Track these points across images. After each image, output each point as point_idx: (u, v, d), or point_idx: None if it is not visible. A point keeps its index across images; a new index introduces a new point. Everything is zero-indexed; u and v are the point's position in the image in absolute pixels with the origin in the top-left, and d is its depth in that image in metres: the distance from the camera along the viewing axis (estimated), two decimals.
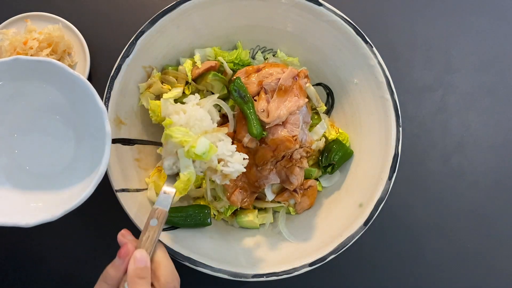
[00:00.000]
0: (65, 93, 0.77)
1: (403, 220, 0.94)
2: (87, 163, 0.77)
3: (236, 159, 0.72)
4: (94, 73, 0.96)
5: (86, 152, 0.78)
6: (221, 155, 0.72)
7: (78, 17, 0.97)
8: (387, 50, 0.97)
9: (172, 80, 0.84)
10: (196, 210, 0.82)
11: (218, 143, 0.72)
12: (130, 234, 0.68)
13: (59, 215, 0.69)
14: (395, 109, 0.81)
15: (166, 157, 0.73)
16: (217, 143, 0.72)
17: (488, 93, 1.01)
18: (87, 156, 0.78)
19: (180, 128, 0.70)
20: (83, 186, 0.73)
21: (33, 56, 0.72)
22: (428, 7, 1.03)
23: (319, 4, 0.81)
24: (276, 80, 0.80)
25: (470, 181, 0.97)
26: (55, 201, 0.74)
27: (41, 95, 0.77)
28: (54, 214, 0.69)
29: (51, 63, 0.71)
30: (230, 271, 0.75)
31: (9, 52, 0.88)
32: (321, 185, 0.88)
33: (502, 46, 1.03)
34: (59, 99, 0.78)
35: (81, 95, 0.72)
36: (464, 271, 0.93)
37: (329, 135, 0.87)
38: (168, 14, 0.80)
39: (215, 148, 0.70)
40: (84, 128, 0.80)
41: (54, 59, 0.90)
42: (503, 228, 0.95)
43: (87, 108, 0.74)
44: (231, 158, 0.72)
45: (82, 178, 0.76)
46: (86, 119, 0.78)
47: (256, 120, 0.77)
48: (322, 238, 0.80)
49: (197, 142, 0.68)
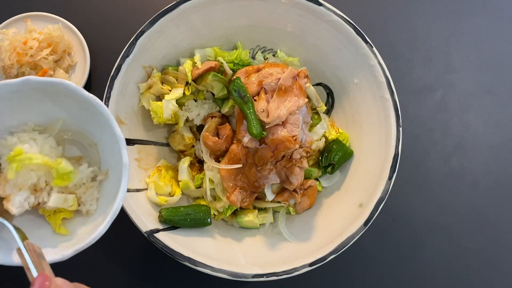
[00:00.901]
0: (79, 117, 0.73)
1: (403, 220, 0.94)
2: (101, 198, 0.73)
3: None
4: (94, 73, 0.96)
5: (103, 179, 0.74)
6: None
7: (78, 17, 0.97)
8: (387, 50, 0.97)
9: (172, 80, 0.84)
10: (196, 210, 0.82)
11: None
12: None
13: (69, 255, 0.65)
14: (395, 109, 0.81)
15: (15, 192, 0.66)
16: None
17: (488, 93, 1.01)
18: (101, 189, 0.74)
19: (37, 155, 0.66)
20: (96, 223, 0.69)
21: (45, 77, 0.66)
22: (428, 7, 1.03)
23: (319, 4, 0.81)
24: (276, 80, 0.80)
25: (470, 181, 0.97)
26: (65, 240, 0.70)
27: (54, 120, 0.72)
28: (64, 254, 0.65)
29: (63, 84, 0.65)
30: (230, 271, 0.75)
31: (9, 52, 0.88)
32: (321, 185, 0.88)
33: (502, 46, 1.03)
34: (73, 122, 0.74)
35: (96, 119, 0.68)
36: (464, 271, 0.93)
37: (329, 135, 0.87)
38: (168, 14, 0.80)
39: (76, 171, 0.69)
40: (100, 154, 0.75)
41: (54, 59, 0.91)
42: (503, 228, 0.95)
43: (103, 134, 0.70)
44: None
45: (99, 209, 0.72)
46: (101, 145, 0.74)
47: (256, 120, 0.77)
48: (322, 238, 0.80)
49: (62, 163, 0.66)
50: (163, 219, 0.79)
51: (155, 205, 0.83)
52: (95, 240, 0.65)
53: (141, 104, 0.84)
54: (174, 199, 0.83)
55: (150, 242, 0.76)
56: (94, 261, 0.89)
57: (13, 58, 0.88)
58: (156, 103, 0.82)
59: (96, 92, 0.94)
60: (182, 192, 0.85)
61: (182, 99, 0.84)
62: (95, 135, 0.75)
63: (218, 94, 0.84)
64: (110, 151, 0.72)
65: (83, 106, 0.68)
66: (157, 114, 0.82)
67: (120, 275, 0.89)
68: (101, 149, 0.76)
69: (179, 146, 0.87)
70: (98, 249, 0.90)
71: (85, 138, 0.76)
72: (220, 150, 0.82)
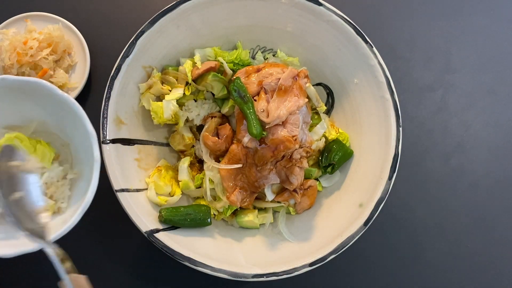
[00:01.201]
0: (55, 115, 0.76)
1: (403, 220, 0.94)
2: (75, 190, 0.76)
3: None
4: (94, 73, 0.96)
5: (75, 177, 0.78)
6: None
7: (78, 17, 0.97)
8: (387, 50, 0.97)
9: (172, 80, 0.84)
10: (196, 210, 0.82)
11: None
12: None
13: (39, 246, 0.67)
14: (395, 109, 0.81)
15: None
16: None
17: (488, 93, 1.01)
18: (73, 187, 0.78)
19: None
20: (67, 216, 0.72)
21: (21, 77, 0.69)
22: (428, 7, 1.03)
23: (319, 4, 0.81)
24: (276, 80, 0.80)
25: (470, 181, 0.97)
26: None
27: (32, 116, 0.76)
28: (35, 246, 0.67)
29: (39, 84, 0.68)
30: (230, 271, 0.75)
31: (9, 52, 0.88)
32: (321, 185, 0.88)
33: (502, 46, 1.03)
34: (48, 121, 0.77)
35: (71, 118, 0.71)
36: (464, 271, 0.93)
37: (329, 135, 0.87)
38: (168, 14, 0.80)
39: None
40: (73, 153, 0.79)
41: (54, 59, 0.91)
42: (503, 228, 0.95)
43: (77, 132, 0.72)
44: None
45: (70, 207, 0.75)
46: (75, 143, 0.78)
47: (256, 120, 0.77)
48: (322, 238, 0.80)
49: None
50: (163, 219, 0.79)
51: (155, 205, 0.83)
52: (65, 232, 0.68)
53: (141, 104, 0.84)
54: (174, 199, 0.83)
55: (150, 242, 0.76)
56: (94, 261, 0.89)
57: (13, 58, 0.88)
58: (156, 103, 0.82)
59: (96, 92, 0.95)
60: (182, 192, 0.85)
61: (182, 99, 0.84)
62: (68, 134, 0.79)
63: (218, 94, 0.84)
64: (83, 148, 0.75)
65: (59, 105, 0.70)
66: (158, 114, 0.82)
67: (120, 275, 0.89)
68: (74, 148, 0.80)
69: (179, 146, 0.87)
70: (98, 249, 0.90)
71: (58, 139, 0.79)
72: (220, 150, 0.82)
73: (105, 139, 0.77)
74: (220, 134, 0.83)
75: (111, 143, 0.78)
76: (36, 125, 0.78)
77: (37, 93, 0.70)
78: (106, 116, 0.77)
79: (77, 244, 0.90)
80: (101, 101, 0.78)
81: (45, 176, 0.75)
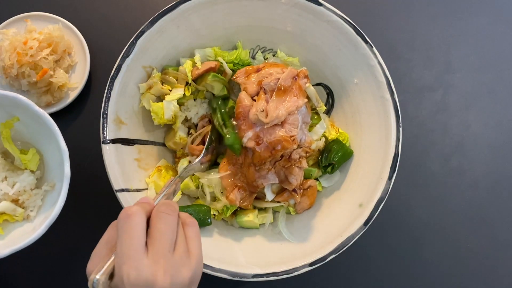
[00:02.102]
0: (30, 127, 0.79)
1: (403, 220, 0.94)
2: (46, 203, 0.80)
3: None
4: (94, 73, 0.96)
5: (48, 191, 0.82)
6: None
7: (78, 17, 0.97)
8: (387, 50, 0.97)
9: (172, 80, 0.84)
10: (196, 210, 0.82)
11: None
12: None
13: (6, 253, 0.70)
14: (395, 109, 0.81)
15: None
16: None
17: (488, 93, 1.01)
18: (44, 198, 0.81)
19: None
20: (37, 224, 0.76)
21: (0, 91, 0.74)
22: (428, 7, 1.03)
23: (319, 4, 0.81)
24: (276, 80, 0.80)
25: (470, 181, 0.97)
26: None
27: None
28: (1, 252, 0.70)
29: (17, 99, 0.72)
30: (230, 271, 0.75)
31: (9, 52, 0.88)
32: (321, 185, 0.88)
33: (502, 46, 1.03)
34: (24, 132, 0.81)
35: (46, 132, 0.74)
36: (464, 271, 0.93)
37: (329, 135, 0.87)
38: (168, 14, 0.80)
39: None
40: (45, 165, 0.83)
41: (54, 59, 0.91)
42: (503, 228, 0.95)
43: (50, 146, 0.76)
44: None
45: (39, 216, 0.79)
46: (48, 157, 0.82)
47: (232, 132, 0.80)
48: (322, 238, 0.80)
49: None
50: None
51: None
52: (32, 242, 0.71)
53: (142, 104, 0.84)
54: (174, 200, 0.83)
55: None
56: None
57: (13, 58, 0.88)
58: (156, 104, 0.82)
59: (96, 92, 0.95)
60: (182, 192, 0.85)
61: (182, 99, 0.84)
62: (42, 147, 0.83)
63: (218, 94, 0.84)
64: (56, 163, 0.79)
65: (34, 119, 0.74)
66: (158, 115, 0.82)
67: None
68: (47, 161, 0.84)
69: (169, 143, 0.87)
70: None
71: (32, 149, 0.83)
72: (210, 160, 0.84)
73: (105, 139, 0.77)
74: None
75: (111, 143, 0.78)
76: (12, 134, 0.81)
77: (13, 106, 0.75)
78: (106, 116, 0.77)
79: (77, 244, 0.90)
80: (101, 101, 0.78)
81: (17, 185, 0.79)
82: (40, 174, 0.84)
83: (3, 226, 0.79)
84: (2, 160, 0.82)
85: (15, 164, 0.83)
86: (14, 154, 0.81)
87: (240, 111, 0.80)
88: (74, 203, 0.90)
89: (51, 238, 0.89)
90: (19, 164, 0.82)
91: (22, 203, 0.80)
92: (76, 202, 0.90)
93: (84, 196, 0.91)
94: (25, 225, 0.80)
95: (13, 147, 0.81)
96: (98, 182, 0.89)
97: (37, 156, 0.82)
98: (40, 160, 0.84)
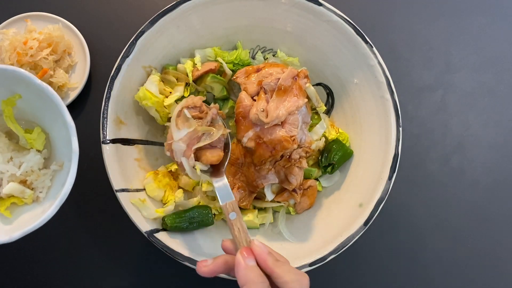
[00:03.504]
0: (33, 105, 0.76)
1: (403, 220, 0.94)
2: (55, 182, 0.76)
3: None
4: (94, 73, 0.96)
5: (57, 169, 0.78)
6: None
7: (78, 17, 0.97)
8: (387, 50, 0.97)
9: (172, 80, 0.84)
10: (197, 212, 0.81)
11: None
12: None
13: (17, 236, 0.67)
14: (395, 109, 0.81)
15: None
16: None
17: (488, 93, 1.01)
18: (53, 179, 0.78)
19: None
20: (47, 206, 0.72)
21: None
22: (428, 7, 1.03)
23: (319, 4, 0.81)
24: (276, 80, 0.80)
25: (470, 181, 0.97)
26: (16, 222, 0.74)
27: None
28: (12, 236, 0.67)
29: (17, 72, 0.68)
30: None
31: (9, 52, 0.88)
32: (321, 185, 0.88)
33: (502, 46, 1.03)
34: (27, 110, 0.77)
35: (50, 108, 0.71)
36: (464, 271, 0.93)
37: (329, 135, 0.87)
38: (168, 14, 0.80)
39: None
40: (52, 144, 0.79)
41: (54, 59, 0.91)
42: (503, 228, 0.95)
43: (55, 123, 0.72)
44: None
45: (49, 197, 0.75)
46: (54, 135, 0.78)
47: None
48: (322, 238, 0.80)
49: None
50: (168, 227, 0.78)
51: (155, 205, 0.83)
52: (42, 223, 0.67)
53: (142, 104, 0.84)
54: (170, 208, 0.81)
55: (150, 242, 0.76)
56: (94, 261, 0.89)
57: (13, 58, 0.88)
58: (143, 88, 0.82)
59: (96, 92, 0.95)
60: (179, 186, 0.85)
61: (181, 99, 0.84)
62: (47, 125, 0.79)
63: (218, 95, 0.85)
64: (62, 140, 0.75)
65: (38, 95, 0.70)
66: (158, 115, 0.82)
67: (120, 275, 0.89)
68: (53, 140, 0.79)
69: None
70: (98, 249, 0.90)
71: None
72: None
73: (105, 139, 0.77)
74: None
75: (111, 143, 0.78)
76: (16, 112, 0.78)
77: (15, 82, 0.70)
78: (106, 116, 0.77)
79: (77, 244, 0.90)
80: (101, 101, 0.78)
81: (24, 165, 0.75)
82: (47, 153, 0.80)
83: (11, 209, 0.76)
84: (6, 140, 0.78)
85: (20, 144, 0.79)
86: (18, 133, 0.77)
87: (240, 111, 0.80)
88: (74, 203, 0.90)
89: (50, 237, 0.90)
90: (25, 144, 0.78)
91: (30, 184, 0.77)
92: (76, 202, 0.90)
93: (84, 196, 0.91)
94: (34, 208, 0.76)
95: (16, 126, 0.77)
96: (98, 182, 0.89)
97: (42, 135, 0.78)
98: (46, 140, 0.80)
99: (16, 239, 0.67)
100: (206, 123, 0.74)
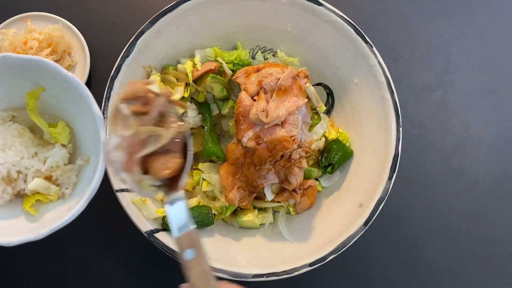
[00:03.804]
0: (57, 97, 0.73)
1: (403, 220, 0.94)
2: (82, 178, 0.73)
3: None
4: (94, 73, 0.96)
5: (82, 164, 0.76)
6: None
7: (78, 17, 0.97)
8: (387, 50, 0.97)
9: (172, 80, 0.84)
10: (197, 212, 0.81)
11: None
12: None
13: (45, 233, 0.64)
14: (395, 109, 0.81)
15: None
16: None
17: (488, 93, 1.01)
18: (80, 174, 0.75)
19: None
20: (73, 203, 0.69)
21: (23, 55, 0.66)
22: (428, 7, 1.03)
23: (319, 4, 0.81)
24: (276, 80, 0.80)
25: (470, 181, 0.97)
26: (42, 219, 0.71)
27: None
28: (40, 233, 0.64)
29: (43, 62, 0.65)
30: (230, 271, 0.75)
31: (9, 52, 0.88)
32: (321, 185, 0.88)
33: (502, 46, 1.03)
34: (51, 103, 0.75)
35: (75, 100, 0.68)
36: (464, 271, 0.93)
37: (329, 135, 0.87)
38: (168, 14, 0.80)
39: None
40: (76, 139, 0.77)
41: (54, 59, 0.90)
42: (503, 228, 0.95)
43: (81, 116, 0.70)
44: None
45: (75, 194, 0.73)
46: (79, 129, 0.75)
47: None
48: (322, 238, 0.80)
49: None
50: (168, 227, 0.78)
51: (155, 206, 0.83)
52: (70, 220, 0.65)
53: None
54: None
55: (150, 242, 0.76)
56: (94, 261, 0.89)
57: None
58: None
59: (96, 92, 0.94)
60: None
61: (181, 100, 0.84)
62: (71, 119, 0.76)
63: (218, 95, 0.84)
64: (88, 134, 0.72)
65: (63, 87, 0.67)
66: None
67: (120, 275, 0.89)
68: (78, 134, 0.77)
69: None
70: (98, 249, 0.90)
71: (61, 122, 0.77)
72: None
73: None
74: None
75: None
76: (39, 106, 0.74)
77: (39, 73, 0.67)
78: (106, 116, 0.77)
79: (77, 244, 0.90)
80: (101, 101, 0.78)
81: (49, 160, 0.72)
82: (72, 148, 0.77)
83: (36, 207, 0.73)
84: (30, 135, 0.75)
85: (44, 138, 0.76)
86: (42, 127, 0.74)
87: (240, 111, 0.80)
88: None
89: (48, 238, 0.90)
90: (49, 139, 0.75)
91: (55, 180, 0.74)
92: None
93: None
94: (60, 205, 0.72)
95: (40, 120, 0.73)
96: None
97: (67, 129, 0.75)
98: (71, 134, 0.76)
99: (44, 236, 0.64)
100: (151, 120, 0.56)
